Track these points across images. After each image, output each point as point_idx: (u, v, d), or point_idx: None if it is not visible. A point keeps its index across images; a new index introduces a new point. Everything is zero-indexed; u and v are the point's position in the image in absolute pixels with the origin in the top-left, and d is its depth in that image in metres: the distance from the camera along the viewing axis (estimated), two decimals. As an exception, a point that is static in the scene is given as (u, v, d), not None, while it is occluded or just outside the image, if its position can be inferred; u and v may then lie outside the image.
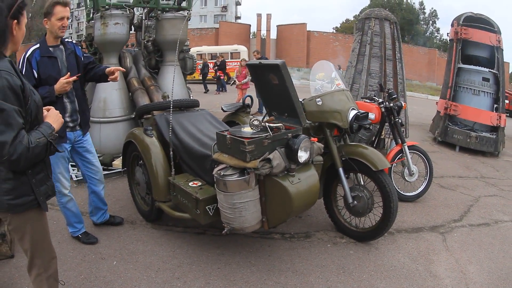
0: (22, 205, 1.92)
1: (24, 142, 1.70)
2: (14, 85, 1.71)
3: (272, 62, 3.14)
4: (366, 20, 6.51)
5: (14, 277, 2.97)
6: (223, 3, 50.92)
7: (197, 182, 3.24)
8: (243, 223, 2.80)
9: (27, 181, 1.90)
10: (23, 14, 1.83)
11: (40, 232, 2.09)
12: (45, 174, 2.02)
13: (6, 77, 1.69)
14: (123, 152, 4.20)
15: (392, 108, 4.64)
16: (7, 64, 1.75)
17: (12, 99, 1.70)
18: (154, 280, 2.96)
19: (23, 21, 1.85)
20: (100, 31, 5.88)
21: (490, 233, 4.00)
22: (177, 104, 3.94)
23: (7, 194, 1.86)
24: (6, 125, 1.67)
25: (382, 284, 2.98)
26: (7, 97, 1.68)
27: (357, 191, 3.48)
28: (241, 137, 2.71)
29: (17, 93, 1.73)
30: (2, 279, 2.94)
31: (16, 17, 1.78)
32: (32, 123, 1.87)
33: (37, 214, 2.03)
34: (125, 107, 6.14)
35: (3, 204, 1.88)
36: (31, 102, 1.84)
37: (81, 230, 3.54)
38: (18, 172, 1.86)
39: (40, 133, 1.81)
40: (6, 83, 1.68)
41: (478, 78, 7.95)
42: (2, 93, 1.67)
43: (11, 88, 1.69)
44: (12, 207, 1.90)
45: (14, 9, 1.76)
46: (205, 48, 28.43)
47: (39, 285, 2.14)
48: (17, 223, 2.01)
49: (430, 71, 35.68)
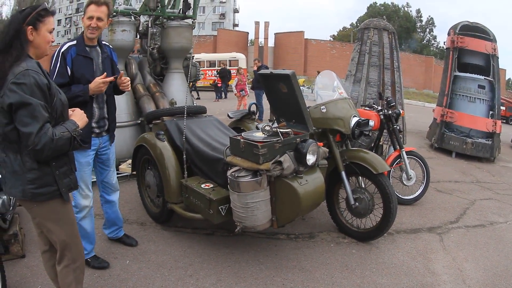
0: (45, 194, 2.05)
1: (49, 134, 1.88)
2: (40, 83, 1.90)
3: (282, 72, 3.35)
4: (365, 30, 6.75)
5: (27, 276, 3.06)
6: (221, 11, 51.28)
7: (209, 184, 3.43)
8: (255, 221, 2.98)
9: (51, 172, 2.04)
10: (42, 21, 2.00)
11: (67, 223, 2.22)
12: (68, 168, 2.16)
13: (34, 76, 1.88)
14: (133, 156, 4.34)
15: (391, 116, 4.85)
16: (35, 65, 1.95)
17: (38, 95, 1.89)
18: (168, 278, 3.11)
19: (43, 28, 2.01)
20: (107, 38, 6.03)
21: (486, 234, 4.19)
22: (187, 110, 4.12)
23: (31, 183, 2.00)
24: (32, 117, 1.86)
25: (383, 280, 3.16)
26: (34, 93, 1.87)
27: (359, 193, 3.67)
28: (254, 141, 2.91)
29: (43, 90, 1.92)
30: (15, 278, 3.03)
31: (33, 24, 1.96)
32: (57, 120, 2.04)
33: (60, 204, 2.15)
34: (131, 113, 6.29)
35: (27, 192, 2.01)
36: (56, 101, 2.03)
37: (90, 254, 3.23)
38: (42, 163, 2.00)
39: (65, 128, 1.99)
40: (33, 81, 1.88)
41: (474, 85, 8.18)
42: (29, 89, 1.86)
43: (37, 85, 1.89)
44: (36, 196, 2.02)
45: (31, 16, 1.96)
46: (203, 55, 28.69)
47: (65, 275, 2.27)
48: (42, 214, 2.13)
49: (427, 79, 36.08)
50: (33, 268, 3.16)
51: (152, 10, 6.65)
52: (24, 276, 3.07)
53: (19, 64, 1.89)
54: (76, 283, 2.32)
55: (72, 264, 2.26)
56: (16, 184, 2.02)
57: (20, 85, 1.85)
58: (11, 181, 2.03)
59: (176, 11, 7.07)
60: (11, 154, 1.98)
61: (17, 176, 2.00)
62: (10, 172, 2.02)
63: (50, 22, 2.05)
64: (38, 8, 2.00)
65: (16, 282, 2.99)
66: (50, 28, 2.05)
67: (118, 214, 3.55)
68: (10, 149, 1.98)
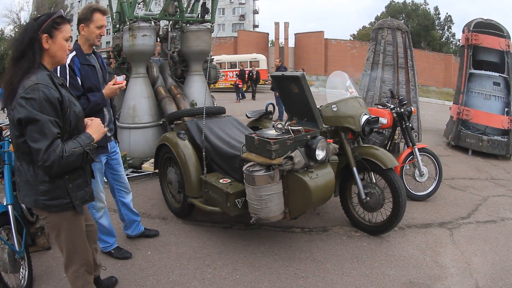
0: (57, 206, 2.02)
1: (58, 151, 1.83)
2: (51, 97, 1.84)
3: (293, 74, 3.56)
4: (379, 30, 6.88)
5: (52, 267, 3.29)
6: (241, 12, 51.54)
7: (226, 179, 3.66)
8: (269, 213, 3.20)
9: (64, 185, 2.00)
10: (58, 28, 1.96)
11: (76, 232, 2.18)
12: (83, 180, 2.12)
13: (43, 90, 1.83)
14: (155, 154, 4.59)
15: (403, 113, 4.99)
16: (45, 78, 1.89)
17: (48, 110, 1.83)
18: (186, 267, 3.32)
19: (59, 35, 1.96)
20: (128, 42, 6.30)
21: (496, 229, 4.25)
22: (207, 111, 4.33)
23: (43, 195, 1.98)
24: (41, 134, 1.81)
25: (391, 271, 3.30)
26: (43, 108, 1.81)
27: (370, 188, 3.83)
28: (267, 138, 3.13)
29: (53, 105, 1.86)
30: (41, 268, 3.25)
31: (48, 32, 1.92)
32: (72, 133, 2.00)
33: (72, 216, 2.11)
34: (153, 114, 6.58)
35: (39, 203, 2.00)
36: (70, 113, 1.97)
37: (113, 245, 3.44)
38: (55, 176, 1.96)
39: (78, 143, 1.94)
40: (43, 95, 1.82)
41: (489, 83, 8.15)
42: (38, 104, 1.81)
43: (47, 100, 1.83)
44: (47, 207, 2.01)
45: (46, 24, 1.92)
46: (224, 57, 28.86)
47: (75, 281, 2.27)
48: (53, 221, 2.11)
49: (446, 77, 35.43)
50: (58, 260, 3.34)
51: (171, 15, 6.91)
52: (50, 267, 3.30)
53: (29, 77, 1.86)
54: (86, 284, 2.33)
55: (80, 269, 2.26)
56: (29, 194, 2.01)
57: (29, 100, 1.80)
58: (25, 189, 2.03)
59: (195, 15, 7.32)
60: (25, 164, 1.98)
61: (30, 186, 2.00)
62: (24, 181, 2.02)
63: (67, 29, 2.00)
64: (54, 15, 1.96)
65: (42, 271, 3.23)
66: (66, 36, 2.00)
67: (133, 210, 3.68)
68: (24, 159, 1.97)
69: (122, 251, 3.47)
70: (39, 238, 3.53)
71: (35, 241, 3.51)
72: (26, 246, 2.94)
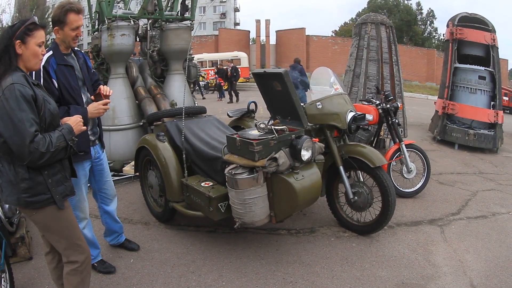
0: (38, 202, 2.10)
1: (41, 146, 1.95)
2: (26, 95, 1.95)
3: (275, 70, 3.40)
4: (362, 25, 6.77)
5: (34, 278, 3.14)
6: (222, 10, 51.30)
7: (208, 182, 3.49)
8: (253, 217, 3.04)
9: (43, 181, 2.09)
10: (31, 35, 2.04)
11: (68, 228, 2.26)
12: (62, 175, 2.20)
13: (19, 88, 1.93)
14: (135, 157, 4.42)
15: (389, 109, 4.88)
16: (20, 78, 1.99)
17: (25, 107, 1.94)
18: (170, 275, 3.18)
19: (32, 41, 2.05)
20: (107, 42, 6.11)
21: (487, 225, 4.20)
22: (187, 111, 4.18)
23: (25, 192, 2.06)
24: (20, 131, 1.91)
25: (383, 272, 3.19)
26: (20, 105, 1.93)
27: (357, 187, 3.71)
28: (250, 139, 2.97)
29: (29, 102, 1.96)
30: (23, 280, 3.11)
31: (21, 38, 2.01)
32: (47, 130, 2.08)
33: (56, 210, 2.18)
34: (133, 115, 6.39)
35: (22, 201, 2.07)
36: (45, 111, 2.06)
37: (97, 258, 3.23)
38: (34, 173, 2.06)
39: (62, 137, 2.07)
40: (19, 93, 1.92)
41: (474, 76, 8.17)
42: (16, 102, 1.91)
43: (23, 97, 1.94)
44: (29, 204, 2.09)
45: (20, 30, 2.01)
46: (205, 55, 28.79)
47: (73, 277, 2.31)
48: (39, 219, 2.18)
49: (429, 71, 35.84)
50: (40, 270, 3.23)
51: (150, 14, 6.72)
52: (32, 278, 3.15)
53: (6, 78, 1.96)
54: (83, 284, 2.36)
55: (79, 266, 2.31)
56: (12, 193, 2.08)
57: (7, 100, 1.91)
58: (8, 189, 2.09)
59: (174, 13, 7.13)
60: (6, 164, 2.05)
61: (12, 185, 2.06)
62: (6, 181, 2.08)
63: (39, 35, 2.08)
64: (27, 22, 2.05)
65: (24, 283, 3.07)
66: (38, 42, 2.08)
67: (118, 222, 3.51)
68: (5, 160, 2.05)
69: (105, 264, 3.27)
70: (20, 248, 3.40)
71: (16, 252, 3.38)
72: (6, 258, 2.80)
